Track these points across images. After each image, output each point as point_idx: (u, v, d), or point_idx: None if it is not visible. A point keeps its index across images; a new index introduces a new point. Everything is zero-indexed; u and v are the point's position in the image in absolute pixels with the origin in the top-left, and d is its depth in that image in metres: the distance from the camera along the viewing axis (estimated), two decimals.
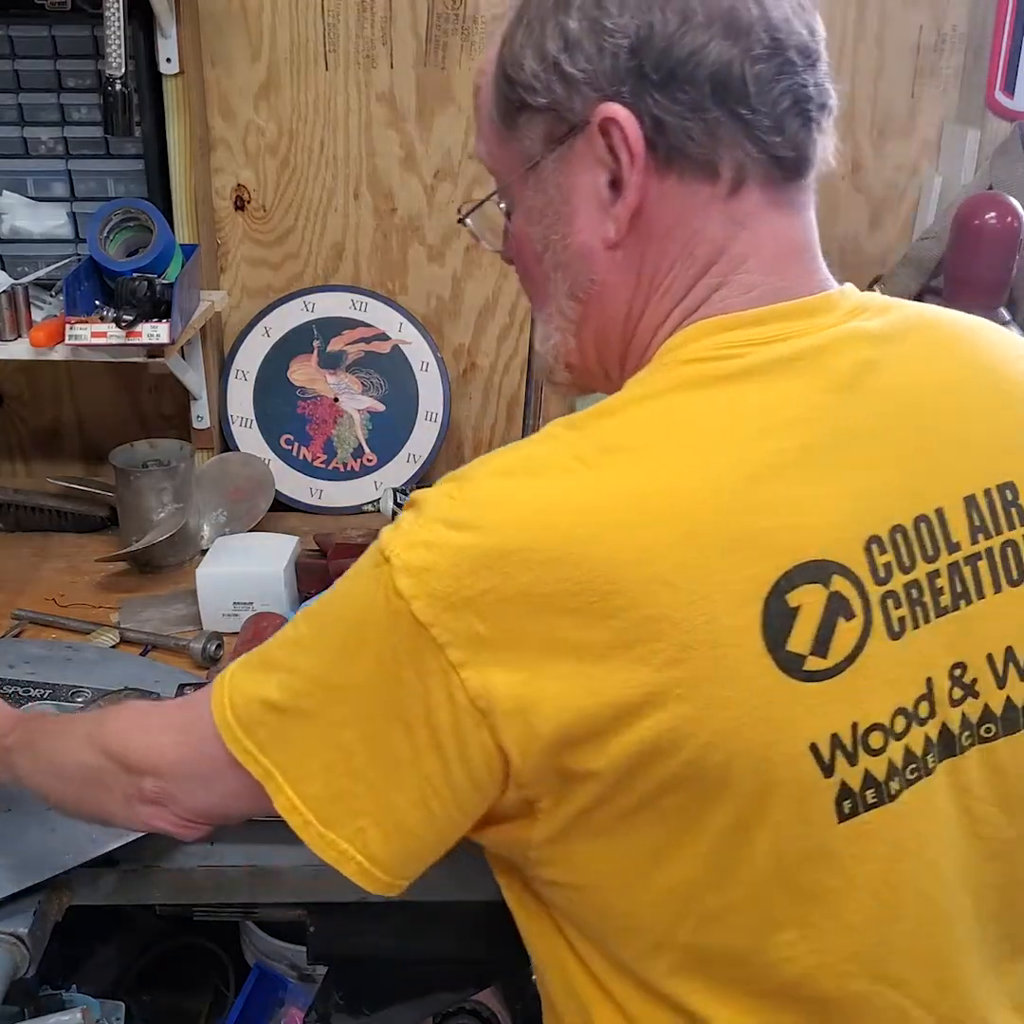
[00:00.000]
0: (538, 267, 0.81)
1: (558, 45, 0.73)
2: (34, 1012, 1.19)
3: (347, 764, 0.69)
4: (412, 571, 0.66)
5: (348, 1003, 1.16)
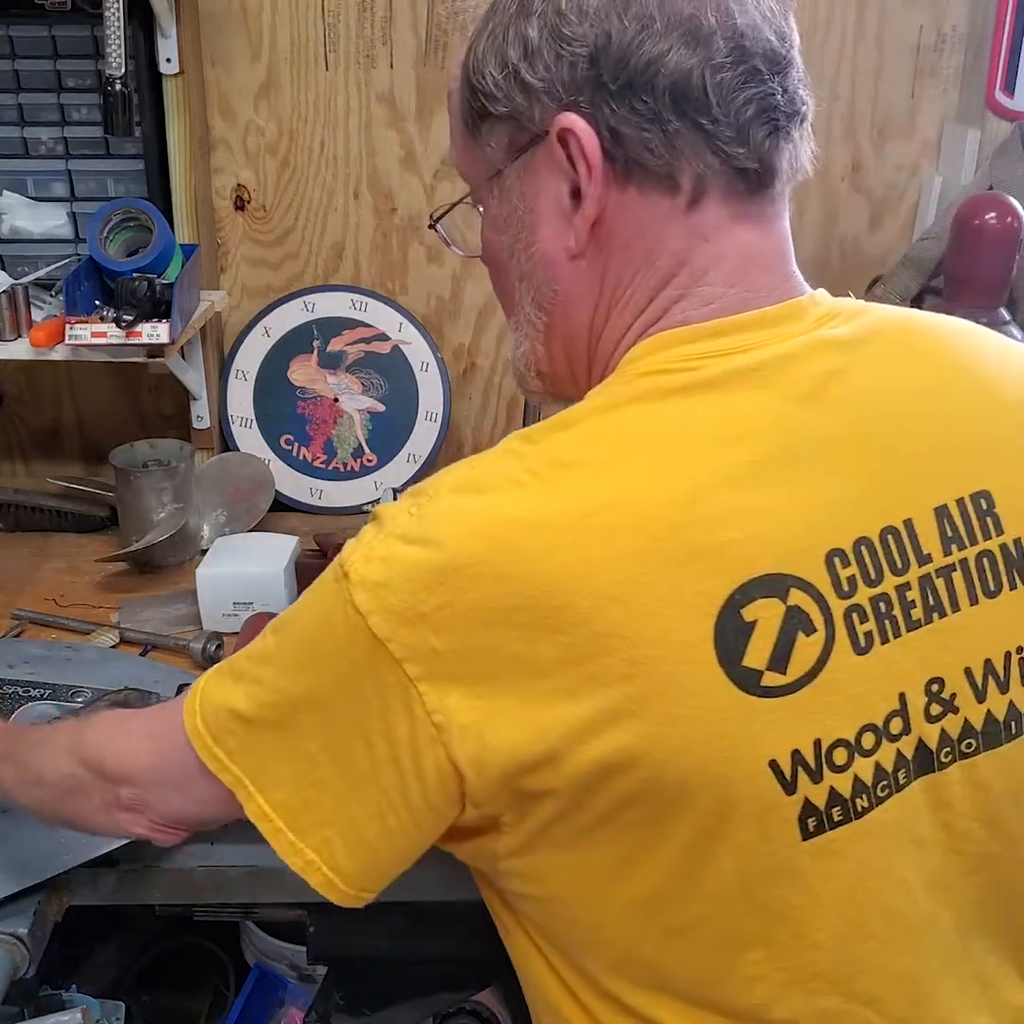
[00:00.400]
0: (505, 275, 0.81)
1: (518, 53, 0.72)
2: (34, 1012, 1.19)
3: (313, 774, 0.70)
4: (369, 586, 0.66)
5: (348, 1003, 1.16)
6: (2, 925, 0.99)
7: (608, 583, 0.64)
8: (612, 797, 0.66)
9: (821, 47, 1.88)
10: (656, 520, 0.66)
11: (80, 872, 1.04)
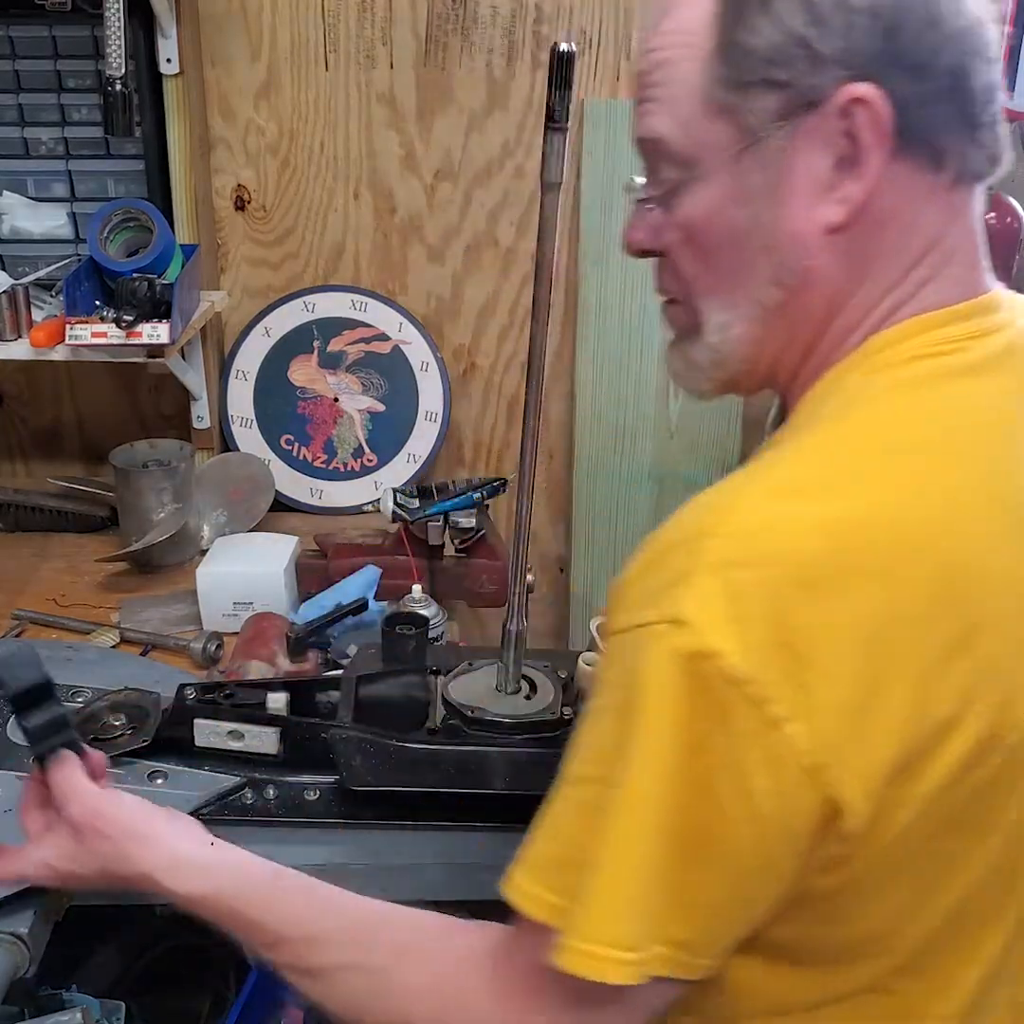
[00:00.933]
0: (732, 251, 0.74)
1: (803, 19, 0.67)
2: (34, 1012, 1.19)
3: (651, 862, 0.63)
4: (717, 625, 0.60)
5: None
6: (2, 924, 0.99)
7: (997, 564, 0.63)
8: (969, 787, 0.64)
9: None
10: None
11: None
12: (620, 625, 0.65)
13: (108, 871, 0.88)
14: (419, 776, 1.08)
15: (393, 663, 1.15)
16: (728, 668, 0.60)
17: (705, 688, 0.60)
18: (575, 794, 0.67)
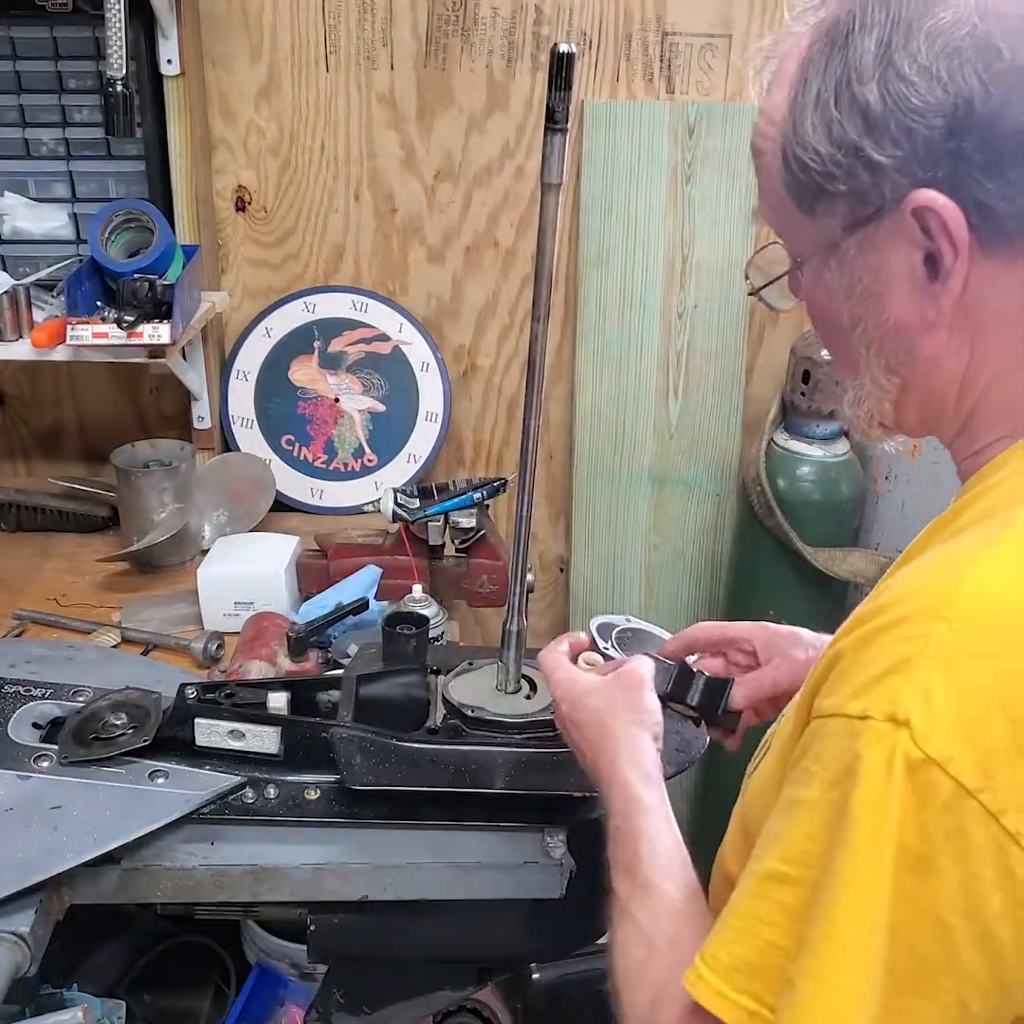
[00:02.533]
0: (844, 340, 0.73)
1: (857, 126, 0.64)
2: (35, 1011, 1.20)
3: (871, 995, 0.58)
4: (944, 726, 0.55)
5: (348, 1002, 1.16)
6: (3, 924, 0.99)
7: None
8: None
9: None
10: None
11: (82, 871, 1.04)
12: (834, 706, 0.61)
13: (600, 730, 0.89)
14: (419, 776, 1.08)
15: (393, 663, 1.15)
16: (960, 776, 0.55)
17: (932, 799, 0.56)
18: (774, 894, 0.62)
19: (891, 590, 0.63)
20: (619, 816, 0.82)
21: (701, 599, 2.21)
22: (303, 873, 1.09)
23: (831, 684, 0.62)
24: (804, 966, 0.59)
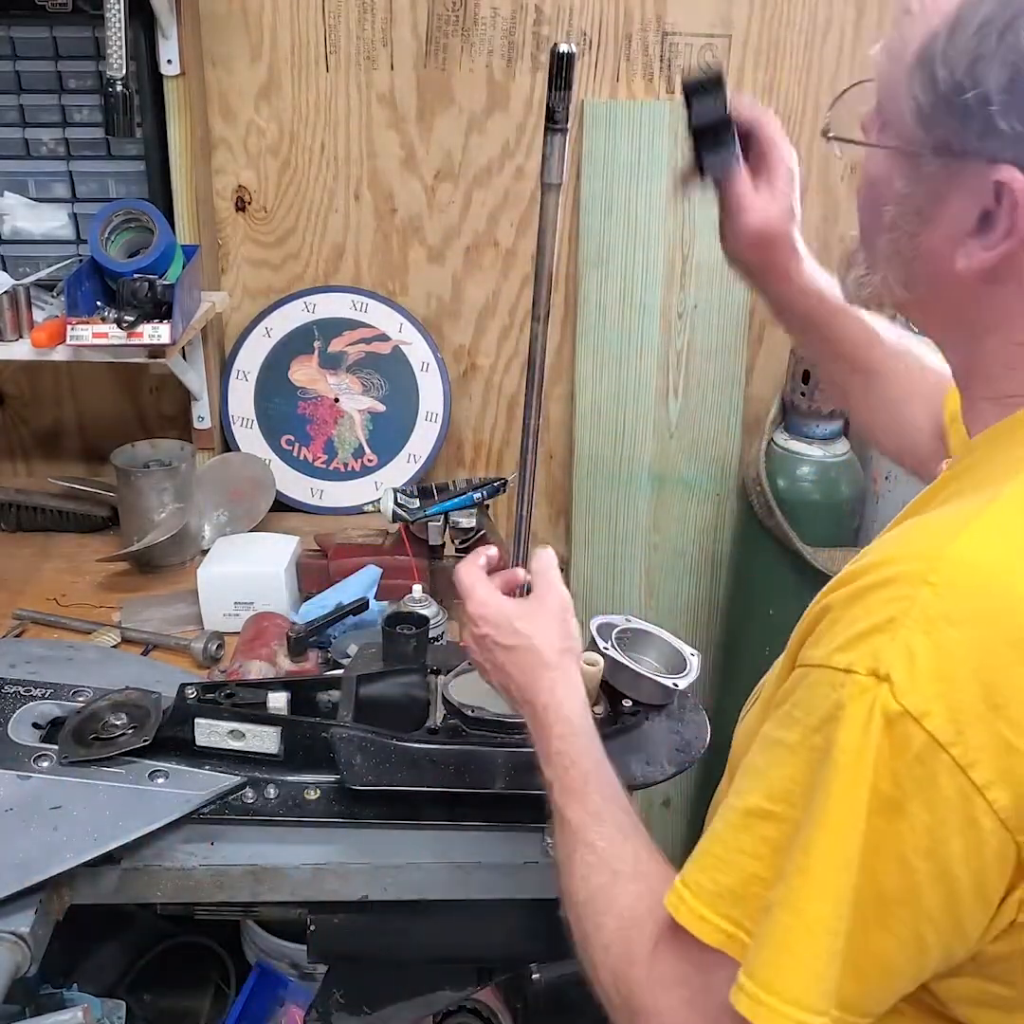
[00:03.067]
0: (875, 231, 0.75)
1: (1000, 81, 0.64)
2: (35, 1011, 1.20)
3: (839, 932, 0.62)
4: (922, 684, 0.59)
5: (348, 1002, 1.16)
6: (3, 924, 0.99)
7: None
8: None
9: (821, 46, 1.88)
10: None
11: (82, 871, 1.05)
12: (820, 657, 0.64)
13: (527, 657, 0.90)
14: (419, 776, 1.08)
15: (393, 663, 1.15)
16: (934, 730, 0.58)
17: (906, 750, 0.59)
18: (758, 829, 0.66)
19: (881, 550, 0.66)
20: (560, 740, 0.85)
21: (701, 599, 2.21)
22: (303, 873, 1.10)
23: (818, 635, 0.66)
24: (779, 895, 0.63)
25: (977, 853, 0.60)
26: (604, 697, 1.14)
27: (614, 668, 1.11)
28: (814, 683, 0.64)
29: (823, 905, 0.62)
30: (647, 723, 1.13)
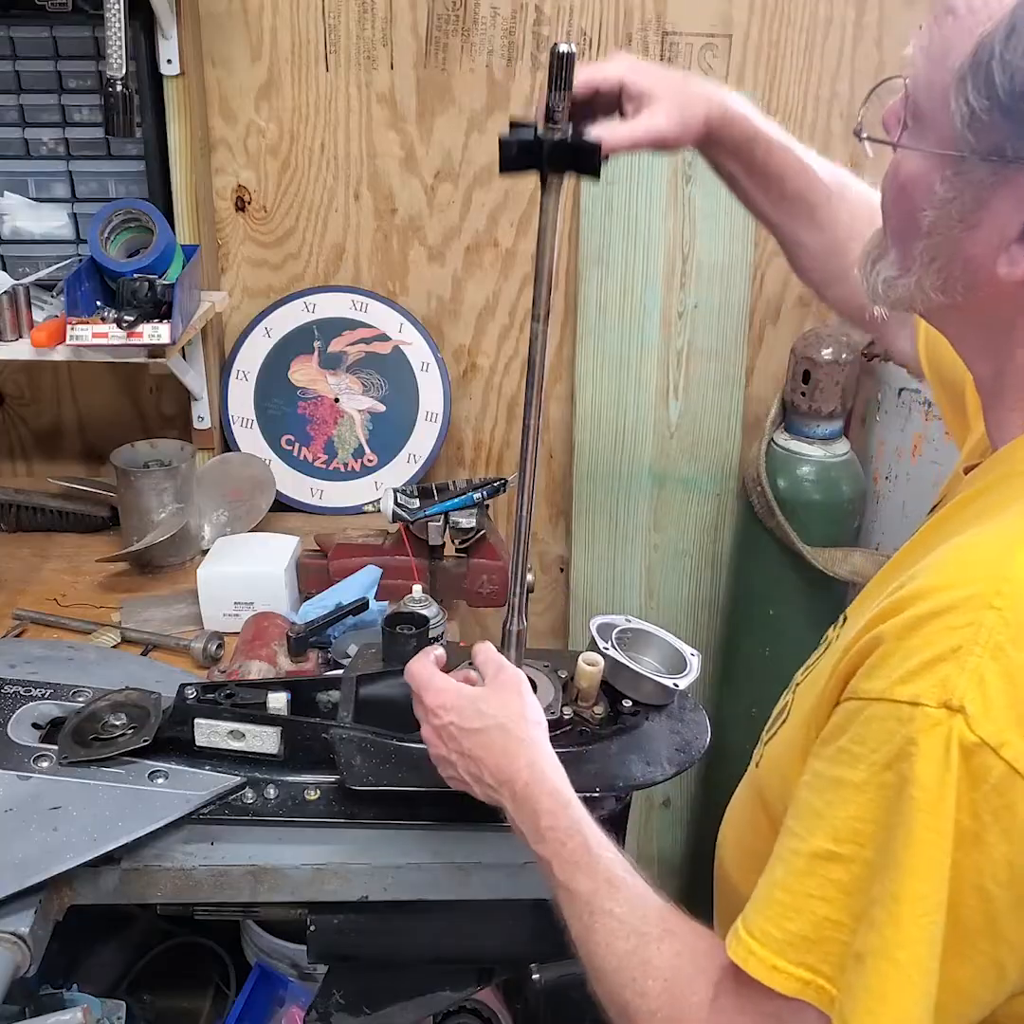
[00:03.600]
0: (910, 235, 0.74)
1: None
2: (35, 1011, 1.19)
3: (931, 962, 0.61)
4: (996, 712, 0.58)
5: (348, 1002, 1.16)
6: (3, 924, 0.99)
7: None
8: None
9: (821, 46, 1.88)
10: None
11: (82, 871, 1.05)
12: (879, 691, 0.63)
13: (502, 732, 0.87)
14: (419, 776, 1.08)
15: (393, 663, 1.15)
16: (1012, 760, 0.58)
17: (984, 781, 0.59)
18: (825, 872, 0.64)
19: (930, 573, 0.63)
20: (551, 816, 0.81)
21: (701, 599, 2.21)
22: (303, 873, 1.09)
23: (872, 667, 0.64)
24: (872, 944, 0.61)
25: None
26: (604, 697, 1.13)
27: (614, 668, 1.11)
28: (875, 717, 0.62)
29: (919, 948, 0.60)
30: (647, 723, 1.13)
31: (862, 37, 1.89)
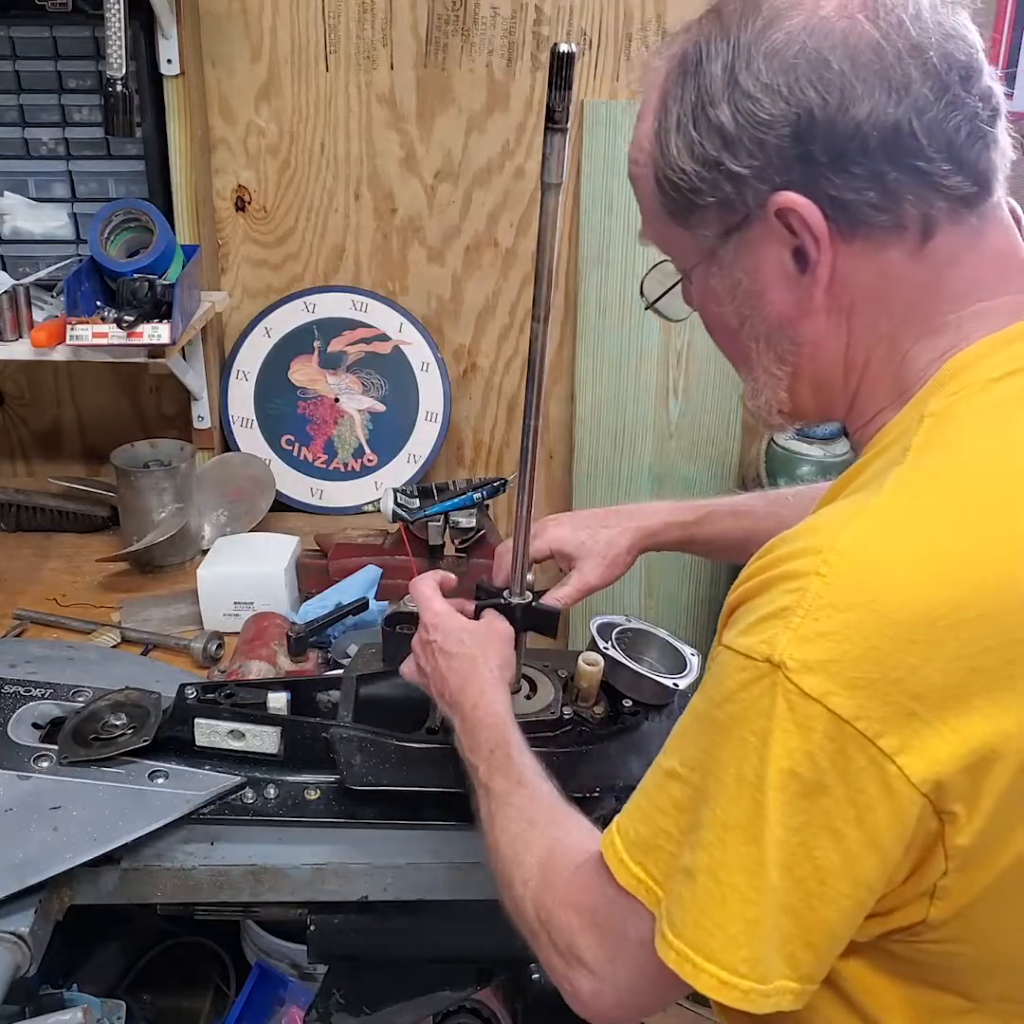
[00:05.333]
0: (735, 338, 0.80)
1: (715, 144, 0.72)
2: (35, 1011, 1.19)
3: (771, 906, 0.65)
4: (817, 667, 0.62)
5: (348, 1002, 1.16)
6: (3, 924, 0.99)
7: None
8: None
9: None
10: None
11: (82, 870, 1.05)
12: (728, 639, 0.68)
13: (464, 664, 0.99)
14: (419, 776, 1.08)
15: (393, 663, 1.15)
16: (836, 708, 0.62)
17: (814, 730, 0.62)
18: (669, 788, 0.71)
19: (786, 544, 0.69)
20: (489, 730, 0.93)
21: (701, 599, 2.21)
22: (303, 873, 1.09)
23: (732, 620, 0.70)
24: (695, 860, 0.67)
25: (901, 818, 0.63)
26: (604, 697, 1.13)
27: (614, 668, 1.11)
28: (721, 662, 0.68)
29: (737, 877, 0.65)
30: (647, 723, 1.13)
31: None
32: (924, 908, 0.68)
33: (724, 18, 0.73)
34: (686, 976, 0.67)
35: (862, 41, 0.68)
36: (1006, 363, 0.70)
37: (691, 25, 0.77)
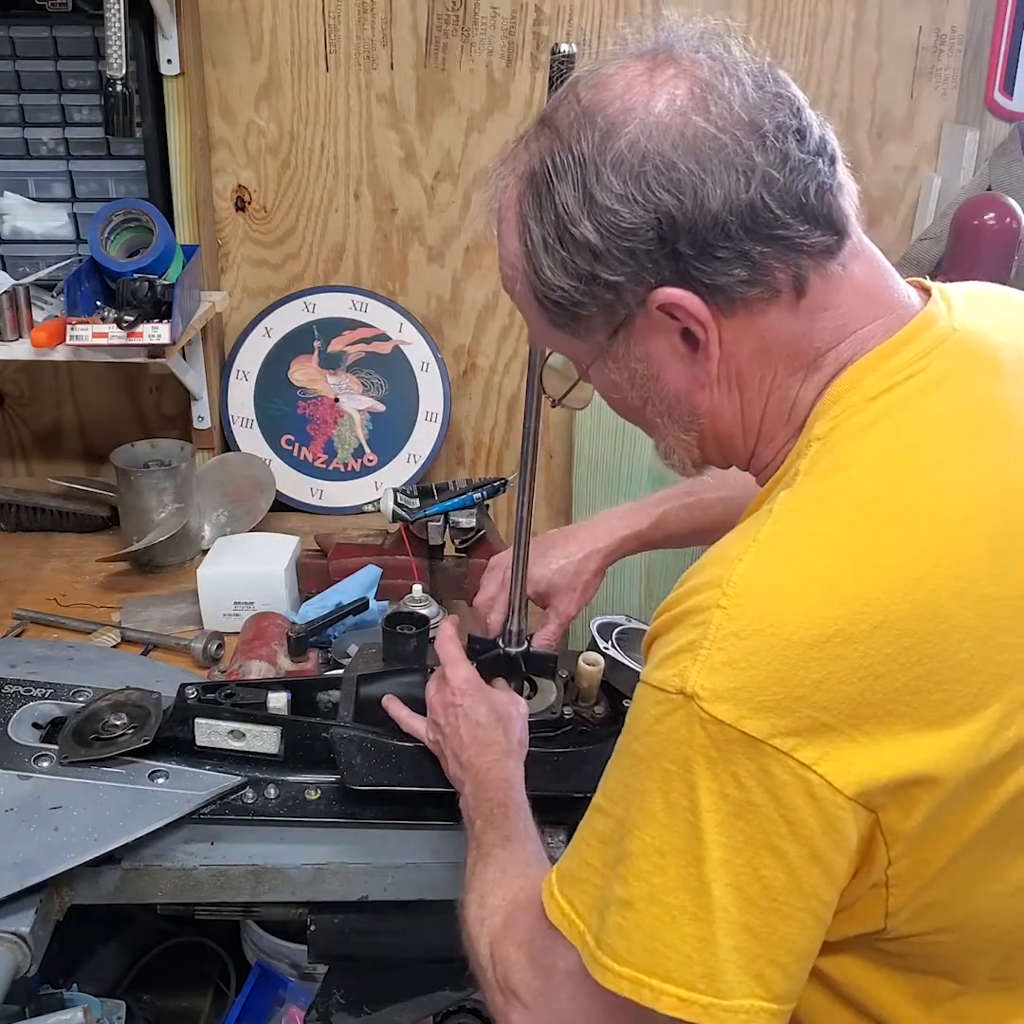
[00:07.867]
0: (641, 416, 0.84)
1: (586, 259, 0.73)
2: (35, 1011, 1.19)
3: (724, 924, 0.66)
4: (726, 694, 0.64)
5: (348, 1002, 1.16)
6: (3, 924, 0.99)
7: (974, 602, 0.67)
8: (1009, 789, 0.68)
9: (821, 47, 1.88)
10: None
11: (82, 871, 1.05)
12: (643, 676, 0.71)
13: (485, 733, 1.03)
14: (419, 776, 1.08)
15: (393, 663, 1.15)
16: (751, 731, 0.64)
17: (734, 752, 0.64)
18: (593, 821, 0.73)
19: (694, 576, 0.72)
20: (495, 792, 0.96)
21: None
22: (303, 873, 1.10)
23: (649, 655, 0.73)
24: (616, 892, 0.69)
25: (833, 824, 0.64)
26: (604, 697, 1.14)
27: (614, 668, 1.11)
28: (639, 697, 0.70)
29: (670, 898, 0.66)
30: None
31: (862, 38, 1.89)
32: (882, 900, 0.70)
33: (561, 132, 0.74)
34: (645, 1001, 0.67)
35: (699, 134, 0.70)
36: (881, 381, 0.73)
37: (528, 137, 0.78)
